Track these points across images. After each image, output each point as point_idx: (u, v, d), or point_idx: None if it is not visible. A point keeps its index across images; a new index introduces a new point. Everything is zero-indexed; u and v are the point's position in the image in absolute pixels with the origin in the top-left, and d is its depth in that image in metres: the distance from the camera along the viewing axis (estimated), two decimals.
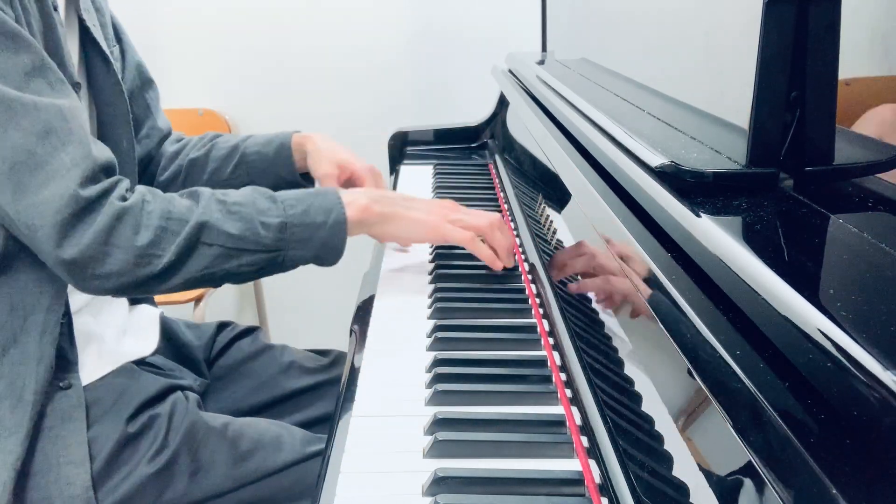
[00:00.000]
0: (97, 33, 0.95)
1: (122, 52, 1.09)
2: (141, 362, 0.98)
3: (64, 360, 0.87)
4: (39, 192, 0.77)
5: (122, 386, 0.91)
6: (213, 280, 0.85)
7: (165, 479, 0.86)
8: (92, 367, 0.91)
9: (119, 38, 1.08)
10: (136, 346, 1.00)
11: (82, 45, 0.96)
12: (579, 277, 0.79)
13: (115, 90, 0.98)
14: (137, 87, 1.11)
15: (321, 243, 0.87)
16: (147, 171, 1.18)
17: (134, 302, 1.07)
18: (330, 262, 0.89)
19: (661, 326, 0.52)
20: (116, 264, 0.79)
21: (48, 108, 0.78)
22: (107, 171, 0.82)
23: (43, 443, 0.83)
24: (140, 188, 0.84)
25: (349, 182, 1.13)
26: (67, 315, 0.88)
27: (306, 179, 1.17)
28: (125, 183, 0.83)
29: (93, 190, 0.79)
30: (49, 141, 0.77)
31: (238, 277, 0.86)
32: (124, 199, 0.81)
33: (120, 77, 1.04)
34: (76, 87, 0.88)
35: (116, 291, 0.83)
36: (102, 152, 0.82)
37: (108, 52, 0.96)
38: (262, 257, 0.84)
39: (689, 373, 0.47)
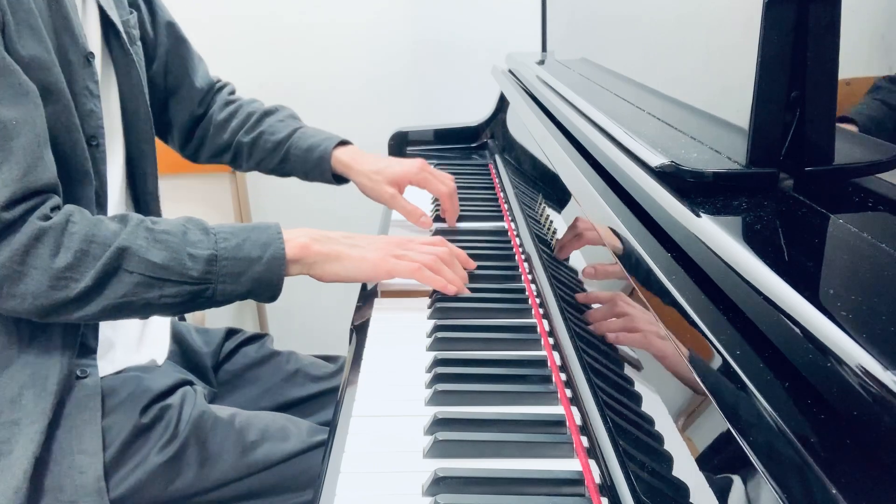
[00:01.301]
0: (106, 3, 0.94)
1: (152, 13, 1.09)
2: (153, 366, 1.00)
3: (85, 346, 0.88)
4: None
5: (137, 379, 0.91)
6: (132, 310, 0.82)
7: (175, 468, 0.87)
8: (107, 371, 0.92)
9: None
10: (149, 355, 1.00)
11: (101, 12, 0.95)
12: (579, 276, 0.79)
13: (126, 60, 0.97)
14: (172, 47, 1.12)
15: (254, 279, 0.83)
16: (196, 133, 1.20)
17: None
18: (265, 298, 0.86)
19: (661, 326, 0.52)
20: (32, 285, 0.77)
21: None
22: (40, 192, 0.79)
23: (58, 432, 0.84)
24: (67, 208, 0.81)
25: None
26: None
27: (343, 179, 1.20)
28: (53, 201, 0.80)
29: (16, 211, 0.76)
30: None
31: (161, 309, 0.83)
32: (47, 217, 0.78)
33: (151, 39, 1.05)
34: (90, 56, 0.87)
35: (32, 313, 0.80)
36: (41, 173, 0.78)
37: (117, 21, 0.95)
38: (187, 289, 0.82)
39: (689, 373, 0.47)
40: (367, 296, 0.95)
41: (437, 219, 1.21)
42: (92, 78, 0.88)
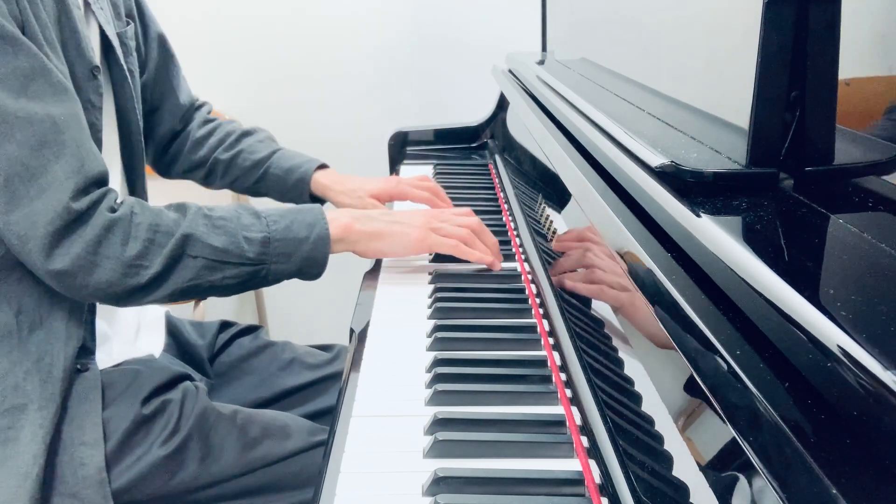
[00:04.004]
0: (100, 15, 0.95)
1: (144, 26, 1.10)
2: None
3: (85, 334, 0.89)
4: (32, 203, 0.78)
5: (136, 371, 0.92)
6: (198, 292, 0.86)
7: (176, 462, 0.88)
8: (106, 364, 0.93)
9: (140, 10, 1.09)
10: (145, 348, 1.01)
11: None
12: (578, 273, 0.79)
13: (122, 73, 0.98)
14: (161, 63, 1.13)
15: (304, 258, 0.88)
16: (172, 148, 1.21)
17: None
18: (313, 275, 0.90)
19: (661, 326, 0.52)
20: (105, 274, 0.81)
21: (42, 119, 0.78)
22: (98, 182, 0.83)
23: (60, 424, 0.85)
24: (129, 200, 0.85)
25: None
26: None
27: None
28: (114, 194, 0.84)
29: (84, 202, 0.80)
30: (42, 153, 0.78)
31: (222, 290, 0.87)
32: (113, 210, 0.82)
33: (142, 52, 1.06)
34: (95, 70, 0.89)
35: (105, 300, 0.84)
36: (95, 163, 0.82)
37: (112, 36, 0.97)
38: (246, 270, 0.86)
39: (689, 373, 0.47)
40: (367, 295, 0.95)
41: None
42: (96, 91, 0.89)
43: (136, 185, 1.04)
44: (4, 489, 0.80)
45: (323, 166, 1.20)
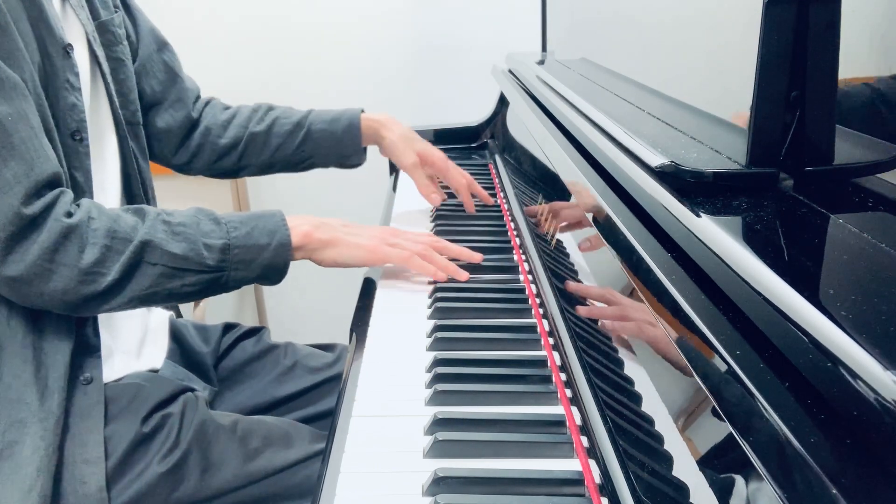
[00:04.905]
0: (76, 2, 0.93)
1: (133, 19, 1.08)
2: (153, 371, 0.99)
3: (86, 345, 0.88)
4: None
5: (138, 387, 0.91)
6: (156, 299, 0.85)
7: (177, 477, 0.87)
8: (107, 378, 0.91)
9: (126, 3, 1.07)
10: (149, 360, 1.00)
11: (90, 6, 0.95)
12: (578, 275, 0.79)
13: (111, 59, 0.96)
14: (154, 50, 1.10)
15: (264, 265, 0.88)
16: (192, 140, 1.17)
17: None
18: (273, 281, 0.90)
19: (661, 326, 0.52)
20: (61, 282, 0.79)
21: None
22: (50, 184, 0.80)
23: (61, 439, 0.84)
24: (85, 203, 0.82)
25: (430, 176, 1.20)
26: None
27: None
28: (68, 196, 0.81)
29: (36, 206, 0.78)
30: None
31: (181, 297, 0.87)
32: (70, 214, 0.80)
33: (134, 42, 1.04)
34: (68, 48, 0.86)
35: (60, 308, 0.82)
36: (45, 165, 0.79)
37: (82, 19, 0.93)
38: (205, 277, 0.85)
39: (689, 373, 0.47)
40: (367, 296, 0.95)
41: (437, 217, 1.22)
42: (72, 70, 0.87)
43: (130, 175, 1.02)
44: (9, 503, 0.79)
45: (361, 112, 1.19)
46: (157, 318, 1.07)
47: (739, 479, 0.40)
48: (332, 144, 1.18)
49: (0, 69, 0.77)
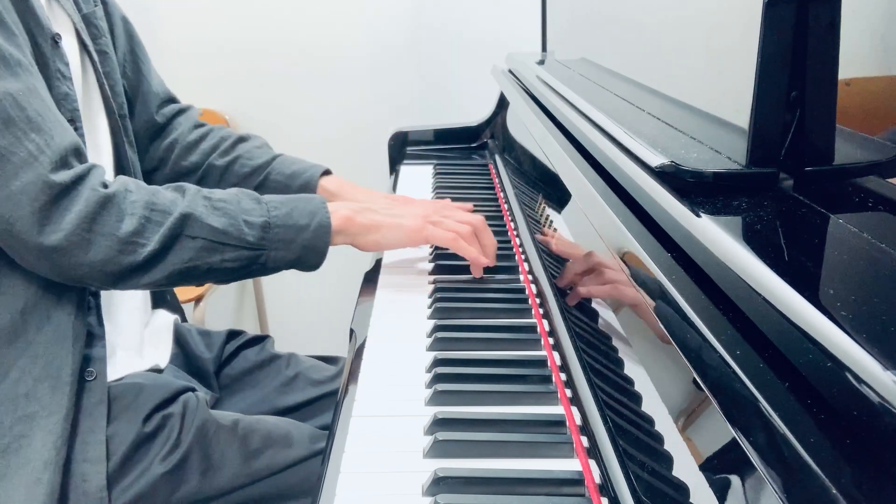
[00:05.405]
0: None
1: (105, 9, 1.05)
2: (155, 371, 0.99)
3: (91, 335, 0.88)
4: (10, 184, 0.75)
5: (139, 387, 0.91)
6: (196, 274, 0.84)
7: (178, 477, 0.87)
8: (110, 376, 0.91)
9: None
10: (151, 359, 1.00)
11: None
12: (576, 273, 0.79)
13: (97, 52, 0.96)
14: (128, 48, 1.08)
15: (304, 245, 0.87)
16: (153, 149, 1.13)
17: (154, 306, 1.08)
18: (312, 265, 0.89)
19: (662, 326, 0.52)
20: (101, 252, 0.79)
21: (2, 97, 0.76)
22: (76, 153, 0.80)
23: (66, 437, 0.83)
24: (121, 178, 0.83)
25: None
26: (97, 292, 0.89)
27: None
28: (101, 170, 0.81)
29: (66, 175, 0.78)
30: (10, 131, 0.76)
31: (221, 274, 0.85)
32: (105, 185, 0.80)
33: (108, 38, 1.01)
34: (57, 38, 0.86)
35: (102, 281, 0.81)
36: (66, 135, 0.80)
37: (68, 10, 0.93)
38: (245, 254, 0.85)
39: (689, 373, 0.47)
40: (367, 296, 0.95)
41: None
42: (62, 59, 0.87)
43: (125, 167, 1.01)
44: (17, 496, 0.79)
45: (327, 172, 1.13)
46: (162, 320, 1.07)
47: (739, 479, 0.40)
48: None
49: (3, 47, 0.77)
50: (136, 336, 0.99)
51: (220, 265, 0.84)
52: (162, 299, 1.10)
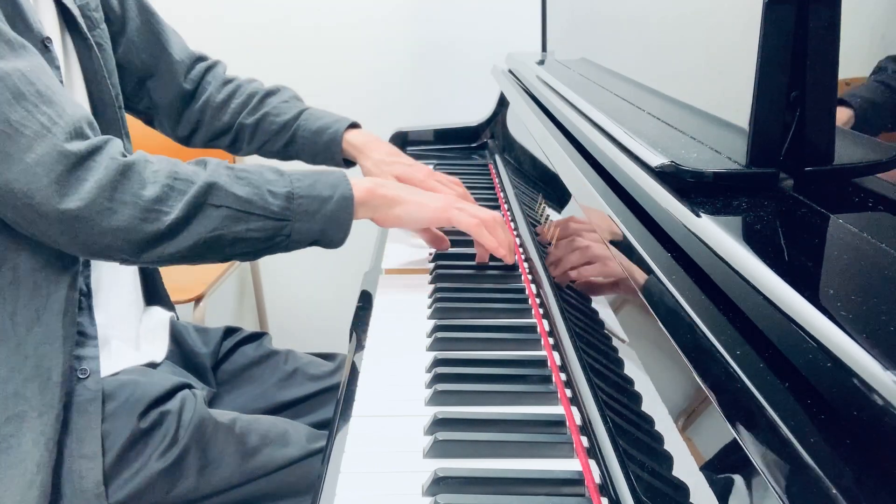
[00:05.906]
0: None
1: None
2: (151, 366, 0.99)
3: (82, 335, 0.88)
4: (25, 156, 0.75)
5: (135, 382, 0.91)
6: (222, 244, 0.83)
7: (175, 474, 0.87)
8: (104, 371, 0.91)
9: None
10: (146, 354, 1.00)
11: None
12: (577, 272, 0.79)
13: (86, 45, 0.95)
14: (143, 23, 1.09)
15: (327, 217, 0.86)
16: (188, 114, 1.16)
17: (148, 302, 1.08)
18: (336, 239, 0.88)
19: (662, 326, 0.52)
20: (123, 219, 0.78)
21: (10, 73, 0.76)
22: (90, 125, 0.80)
23: (60, 434, 0.83)
24: (140, 151, 0.83)
25: None
26: (88, 292, 0.89)
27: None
28: (118, 142, 0.81)
29: (81, 145, 0.77)
30: (21, 105, 0.75)
31: (245, 245, 0.84)
32: (125, 155, 0.80)
33: (118, 15, 1.02)
34: (47, 42, 0.86)
35: (125, 250, 0.80)
36: (77, 108, 0.80)
37: (71, 6, 0.93)
38: (270, 224, 0.84)
39: (689, 373, 0.47)
40: (367, 296, 0.95)
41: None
42: (52, 63, 0.86)
43: None
44: (9, 497, 0.79)
45: (354, 125, 1.16)
46: (157, 316, 1.07)
47: (739, 479, 0.40)
48: (314, 153, 1.17)
49: (6, 31, 0.77)
50: (131, 328, 0.99)
51: (245, 234, 0.83)
52: (155, 295, 1.10)
